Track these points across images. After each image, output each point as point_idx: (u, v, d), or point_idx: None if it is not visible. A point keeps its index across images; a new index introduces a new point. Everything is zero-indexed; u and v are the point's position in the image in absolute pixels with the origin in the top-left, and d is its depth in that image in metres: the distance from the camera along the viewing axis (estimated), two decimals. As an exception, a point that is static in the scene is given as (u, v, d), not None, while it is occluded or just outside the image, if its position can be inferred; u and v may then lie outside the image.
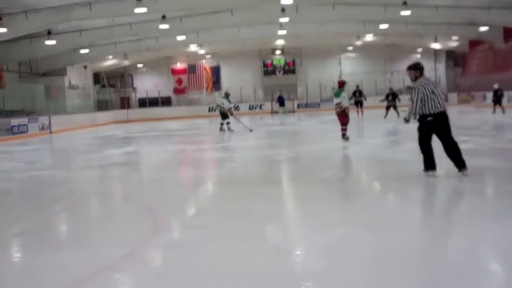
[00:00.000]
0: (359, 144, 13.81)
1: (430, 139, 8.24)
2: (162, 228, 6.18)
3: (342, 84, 14.31)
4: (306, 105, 41.76)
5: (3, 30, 21.85)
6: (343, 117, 14.21)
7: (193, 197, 8.36)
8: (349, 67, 44.91)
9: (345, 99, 14.21)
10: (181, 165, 13.70)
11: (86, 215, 7.52)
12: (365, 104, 27.65)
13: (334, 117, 14.39)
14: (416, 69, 8.35)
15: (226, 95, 22.20)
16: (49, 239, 5.97)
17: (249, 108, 41.10)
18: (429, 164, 8.29)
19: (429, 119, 8.05)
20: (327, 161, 11.73)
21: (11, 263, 5.28)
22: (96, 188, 9.98)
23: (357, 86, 28.34)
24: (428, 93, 8.00)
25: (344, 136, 14.30)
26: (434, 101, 7.98)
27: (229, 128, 21.35)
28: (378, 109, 26.93)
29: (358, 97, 27.34)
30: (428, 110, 8.01)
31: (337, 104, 14.03)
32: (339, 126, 14.46)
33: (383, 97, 25.88)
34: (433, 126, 8.09)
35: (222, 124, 21.49)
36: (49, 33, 25.94)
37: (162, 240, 5.60)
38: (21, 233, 6.43)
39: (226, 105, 21.53)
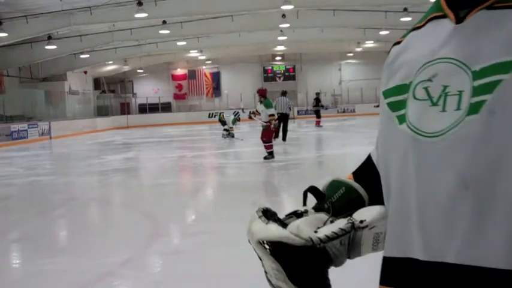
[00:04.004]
0: (359, 150, 13.79)
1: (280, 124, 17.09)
2: (161, 234, 6.17)
3: (265, 93, 13.98)
4: (306, 112, 41.75)
5: (3, 34, 21.86)
6: (274, 130, 13.44)
7: (192, 203, 8.35)
8: (349, 74, 44.95)
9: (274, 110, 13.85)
10: (181, 171, 13.68)
11: (86, 221, 7.51)
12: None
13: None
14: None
15: (237, 119, 22.29)
16: (49, 245, 5.95)
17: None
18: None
19: (279, 114, 16.01)
20: (326, 167, 11.73)
21: (10, 268, 5.26)
22: (96, 194, 9.97)
23: (317, 94, 28.39)
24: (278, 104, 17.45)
25: (272, 154, 13.04)
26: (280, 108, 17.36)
27: (224, 135, 21.29)
28: (376, 116, 26.90)
29: (315, 106, 27.31)
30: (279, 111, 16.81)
31: (272, 115, 13.27)
32: (261, 145, 13.37)
33: (378, 103, 26.59)
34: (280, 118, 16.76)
35: (226, 130, 21.40)
36: (49, 38, 25.93)
37: (162, 246, 5.59)
38: (21, 238, 6.42)
39: (228, 120, 21.46)
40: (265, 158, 12.87)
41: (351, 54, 43.80)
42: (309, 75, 44.93)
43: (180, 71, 46.08)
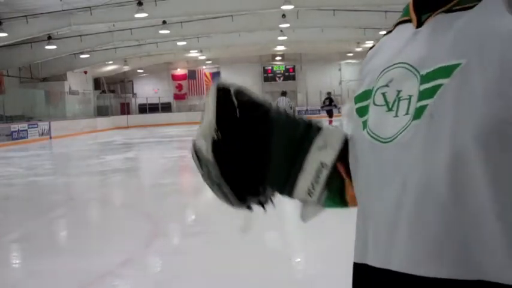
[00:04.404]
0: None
1: None
2: (161, 234, 6.16)
3: None
4: (306, 112, 41.71)
5: (3, 34, 21.86)
6: None
7: (192, 203, 8.34)
8: (349, 74, 44.87)
9: None
10: (181, 171, 13.67)
11: (85, 221, 7.50)
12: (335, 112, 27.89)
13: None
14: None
15: None
16: (48, 245, 5.94)
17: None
18: None
19: None
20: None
21: (10, 268, 5.25)
22: (96, 194, 9.96)
23: (329, 93, 28.41)
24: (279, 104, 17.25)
25: None
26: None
27: None
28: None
29: (327, 106, 27.43)
30: None
31: None
32: None
33: None
34: None
35: None
36: (49, 38, 25.94)
37: (162, 246, 5.58)
38: (21, 238, 6.41)
39: None
40: None
41: (351, 54, 43.74)
42: (308, 75, 44.90)
43: (180, 71, 46.05)
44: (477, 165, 0.80)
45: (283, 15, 25.45)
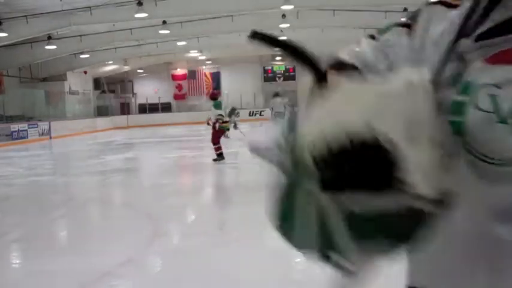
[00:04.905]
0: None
1: None
2: (161, 234, 6.15)
3: (215, 96, 13.93)
4: (306, 112, 41.60)
5: (3, 34, 21.86)
6: (220, 132, 13.33)
7: (192, 203, 8.33)
8: (349, 73, 44.86)
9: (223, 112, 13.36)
10: (181, 171, 13.66)
11: (85, 221, 7.50)
12: None
13: None
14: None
15: (232, 113, 22.68)
16: (48, 245, 5.94)
17: (249, 115, 40.91)
18: None
19: (276, 113, 17.75)
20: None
21: (10, 268, 5.25)
22: (96, 194, 9.96)
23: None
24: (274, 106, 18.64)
25: (221, 156, 13.02)
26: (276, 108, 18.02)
27: (226, 135, 21.28)
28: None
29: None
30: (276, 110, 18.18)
31: (220, 115, 13.25)
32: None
33: None
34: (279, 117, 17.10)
35: (228, 130, 21.40)
36: (49, 38, 25.93)
37: (162, 246, 5.58)
38: (21, 238, 6.41)
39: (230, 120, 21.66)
40: (214, 160, 12.87)
41: (351, 54, 43.69)
42: (309, 75, 44.81)
43: (180, 71, 46.01)
44: None
45: (283, 15, 25.45)
